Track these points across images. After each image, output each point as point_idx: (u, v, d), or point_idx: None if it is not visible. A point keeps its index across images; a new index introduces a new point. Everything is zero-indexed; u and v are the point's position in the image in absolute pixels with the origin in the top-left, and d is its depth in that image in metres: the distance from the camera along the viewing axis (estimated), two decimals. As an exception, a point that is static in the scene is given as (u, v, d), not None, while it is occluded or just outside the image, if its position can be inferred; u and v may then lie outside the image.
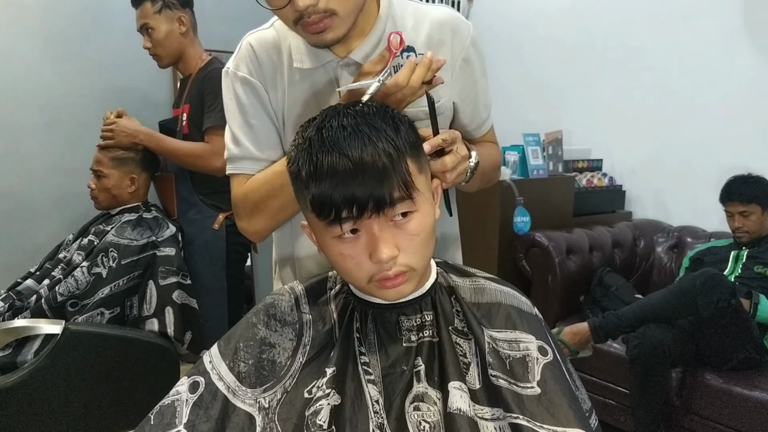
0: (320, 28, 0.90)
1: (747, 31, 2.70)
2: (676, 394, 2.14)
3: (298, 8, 0.86)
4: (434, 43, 1.03)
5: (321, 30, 0.90)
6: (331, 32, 0.91)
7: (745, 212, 2.34)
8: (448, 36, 1.04)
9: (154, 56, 2.08)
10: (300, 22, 0.90)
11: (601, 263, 2.70)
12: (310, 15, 0.88)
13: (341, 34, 0.93)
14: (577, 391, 0.85)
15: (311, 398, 0.78)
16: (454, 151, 0.89)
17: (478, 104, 1.13)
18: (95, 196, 1.99)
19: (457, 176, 0.92)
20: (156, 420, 0.79)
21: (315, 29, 0.90)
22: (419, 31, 1.03)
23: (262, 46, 1.04)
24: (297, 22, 0.90)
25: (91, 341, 1.67)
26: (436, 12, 1.05)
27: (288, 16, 0.90)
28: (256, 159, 1.06)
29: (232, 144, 1.06)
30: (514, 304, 0.87)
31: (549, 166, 2.90)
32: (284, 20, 0.92)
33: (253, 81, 1.04)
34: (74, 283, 1.80)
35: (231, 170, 1.08)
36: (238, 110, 1.05)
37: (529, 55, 3.54)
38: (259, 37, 1.05)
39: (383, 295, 0.78)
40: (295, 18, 0.89)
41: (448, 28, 1.04)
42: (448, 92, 1.07)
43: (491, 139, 1.22)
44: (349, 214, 0.71)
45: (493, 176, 1.21)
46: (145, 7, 2.00)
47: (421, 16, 1.04)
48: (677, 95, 2.94)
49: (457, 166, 0.90)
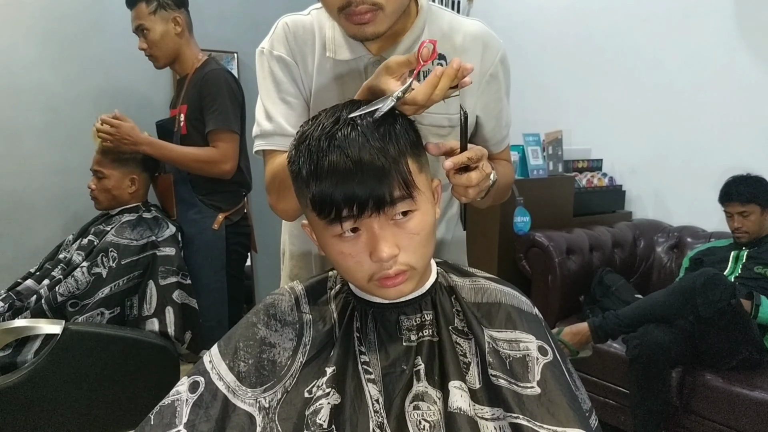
0: (364, 19, 0.90)
1: (747, 31, 2.70)
2: (676, 394, 2.14)
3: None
4: (464, 55, 1.04)
5: (364, 22, 0.91)
6: (372, 26, 0.92)
7: (744, 212, 2.34)
8: (479, 49, 1.05)
9: (150, 57, 2.08)
10: (345, 11, 0.90)
11: (601, 263, 2.70)
12: (358, 4, 0.88)
13: (382, 30, 0.93)
14: (577, 391, 0.85)
15: (311, 398, 0.78)
16: (480, 168, 0.86)
17: (501, 121, 1.14)
18: (95, 197, 1.99)
19: (478, 193, 0.89)
20: (156, 420, 0.79)
21: (359, 20, 0.90)
22: (452, 40, 1.04)
23: (297, 27, 1.05)
24: (342, 9, 0.90)
25: (91, 341, 1.67)
26: (471, 25, 1.07)
27: (334, 3, 0.90)
28: (289, 135, 1.02)
29: (265, 120, 1.06)
30: (515, 304, 0.87)
31: (549, 166, 2.90)
32: (329, 6, 0.92)
33: (288, 60, 1.04)
34: (74, 283, 1.80)
35: (262, 146, 1.06)
36: (273, 87, 1.05)
37: (529, 55, 3.54)
38: (296, 19, 1.06)
39: (383, 294, 0.78)
40: (342, 5, 0.89)
41: (480, 41, 1.06)
42: (473, 104, 1.07)
43: (506, 157, 1.23)
44: (350, 212, 0.71)
45: (505, 194, 1.22)
46: (139, 8, 1.99)
47: (456, 26, 1.06)
48: (677, 95, 2.94)
49: (481, 183, 0.88)
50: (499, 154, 1.20)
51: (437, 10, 1.06)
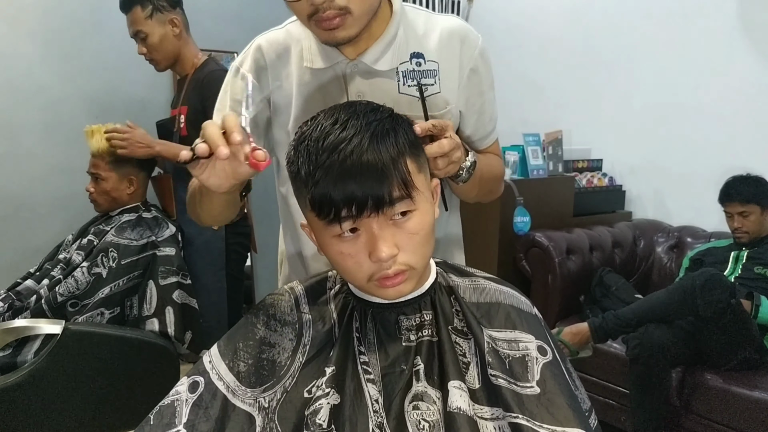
0: (333, 24, 0.91)
1: (747, 31, 2.70)
2: (676, 394, 2.14)
3: (315, 2, 0.87)
4: (442, 52, 1.04)
5: (334, 27, 0.91)
6: (343, 30, 0.92)
7: (744, 212, 2.34)
8: (457, 45, 1.05)
9: (150, 61, 2.07)
10: (314, 17, 0.90)
11: (601, 263, 2.70)
12: (325, 10, 0.89)
13: (353, 34, 0.94)
14: (577, 391, 0.85)
15: (311, 397, 0.78)
16: (450, 137, 0.89)
17: (484, 115, 1.13)
18: (94, 200, 1.98)
19: (450, 165, 0.91)
20: (156, 420, 0.79)
21: (328, 25, 0.91)
22: (429, 38, 1.05)
23: (270, 46, 1.05)
24: (311, 17, 0.91)
25: (91, 341, 1.67)
26: (447, 21, 1.07)
27: (303, 10, 0.90)
28: None
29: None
30: (514, 304, 0.87)
31: (549, 166, 2.90)
32: (298, 14, 0.93)
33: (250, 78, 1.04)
34: (74, 284, 1.80)
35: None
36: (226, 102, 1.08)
37: (529, 55, 3.54)
38: (270, 37, 1.07)
39: (383, 294, 0.78)
40: (310, 12, 0.90)
41: (457, 37, 1.06)
42: (454, 100, 1.07)
43: (495, 151, 1.23)
44: (349, 213, 0.71)
45: (494, 188, 1.20)
46: (135, 12, 1.97)
47: (432, 25, 1.06)
48: (677, 95, 2.94)
49: (452, 153, 0.89)
50: (487, 149, 1.20)
51: (411, 11, 1.06)
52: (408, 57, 1.03)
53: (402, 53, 1.03)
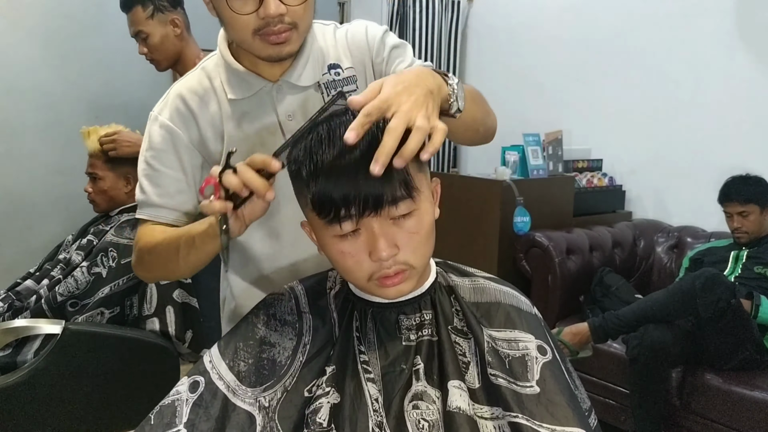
0: (281, 39, 0.91)
1: (747, 31, 2.70)
2: (676, 394, 2.14)
3: (269, 14, 0.87)
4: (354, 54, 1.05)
5: (282, 41, 0.92)
6: (288, 45, 0.93)
7: (743, 212, 2.34)
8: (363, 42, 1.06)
9: (151, 61, 2.06)
10: (261, 32, 0.90)
11: (601, 263, 2.70)
12: (275, 24, 0.89)
13: (295, 49, 0.96)
14: (576, 391, 0.85)
15: (311, 397, 0.79)
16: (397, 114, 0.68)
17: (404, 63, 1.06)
18: (93, 200, 1.98)
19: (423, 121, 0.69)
20: (156, 420, 0.79)
21: (276, 39, 0.91)
22: (337, 46, 1.06)
23: (189, 91, 1.03)
24: (257, 31, 0.90)
25: (91, 341, 1.67)
26: (349, 25, 1.09)
27: (249, 24, 0.90)
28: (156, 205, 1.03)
29: (138, 190, 1.05)
30: (514, 304, 0.87)
31: (549, 166, 2.90)
32: (242, 28, 0.91)
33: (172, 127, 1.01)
34: (74, 283, 1.80)
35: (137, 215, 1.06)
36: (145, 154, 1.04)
37: (529, 55, 3.54)
38: (186, 82, 1.04)
39: (383, 294, 0.78)
40: (258, 27, 0.90)
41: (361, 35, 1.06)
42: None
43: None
44: (350, 213, 0.71)
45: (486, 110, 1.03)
46: (136, 12, 1.96)
47: (340, 35, 1.07)
48: (677, 95, 2.94)
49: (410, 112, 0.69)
50: None
51: (319, 26, 1.07)
52: (326, 69, 1.04)
53: (320, 66, 1.03)
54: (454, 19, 3.72)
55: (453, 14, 3.71)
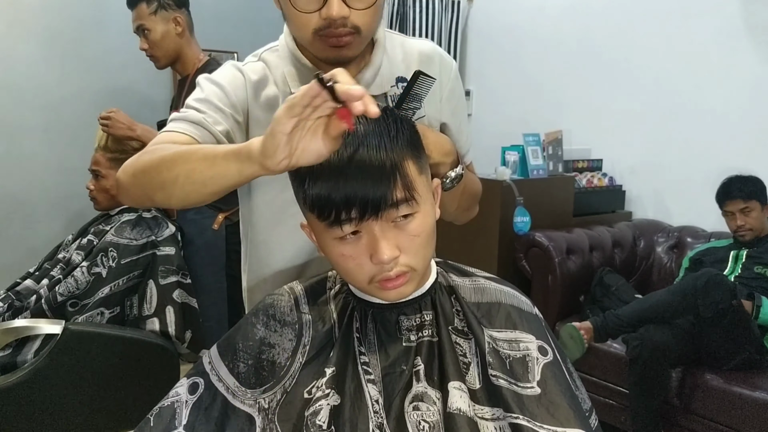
0: (343, 42, 0.89)
1: (747, 31, 2.69)
2: (676, 394, 2.14)
3: (331, 16, 0.85)
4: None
5: (343, 44, 0.90)
6: (349, 49, 0.91)
7: (746, 209, 2.34)
8: (436, 68, 1.06)
9: (151, 58, 2.09)
10: (322, 32, 0.88)
11: (601, 263, 2.70)
12: (338, 27, 0.87)
13: (357, 54, 0.94)
14: (577, 391, 0.85)
15: (311, 398, 0.78)
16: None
17: (461, 135, 1.13)
18: (94, 197, 1.98)
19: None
20: (156, 421, 0.79)
21: (337, 42, 0.89)
22: (409, 63, 1.05)
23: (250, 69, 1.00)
24: (319, 31, 0.88)
25: (91, 341, 1.67)
26: (422, 45, 1.08)
27: (310, 23, 0.88)
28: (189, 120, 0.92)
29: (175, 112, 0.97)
30: (514, 304, 0.87)
31: (549, 166, 2.90)
32: (303, 26, 0.89)
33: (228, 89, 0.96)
34: (74, 283, 1.80)
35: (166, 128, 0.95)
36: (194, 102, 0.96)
37: (529, 54, 3.54)
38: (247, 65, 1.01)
39: (384, 296, 0.78)
40: (319, 27, 0.88)
41: (436, 61, 1.07)
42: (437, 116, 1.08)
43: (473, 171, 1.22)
44: (351, 215, 0.71)
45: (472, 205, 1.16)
46: (140, 8, 2.00)
47: (409, 49, 1.06)
48: (677, 95, 2.93)
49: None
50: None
51: (389, 34, 1.06)
52: (394, 81, 1.03)
53: (389, 78, 1.03)
54: (454, 19, 3.72)
55: (453, 14, 3.71)
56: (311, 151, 0.66)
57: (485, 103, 3.79)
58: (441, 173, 0.97)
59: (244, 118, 0.99)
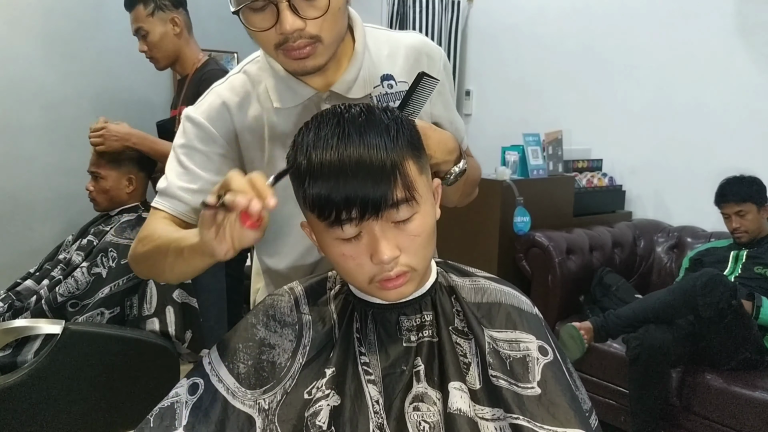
0: (304, 54, 0.88)
1: (746, 32, 2.69)
2: (676, 394, 2.14)
3: (285, 31, 0.84)
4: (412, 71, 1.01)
5: (304, 56, 0.88)
6: (313, 59, 0.89)
7: (740, 211, 2.34)
8: (424, 60, 1.04)
9: (150, 59, 2.08)
10: (282, 47, 0.87)
11: (601, 263, 2.70)
12: (295, 40, 0.86)
13: (323, 63, 0.91)
14: (578, 391, 0.85)
15: (311, 399, 0.78)
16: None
17: (454, 124, 1.12)
18: (94, 198, 1.98)
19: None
20: (155, 422, 0.78)
21: (298, 55, 0.88)
22: (395, 59, 1.03)
23: (231, 92, 0.99)
24: (279, 46, 0.88)
25: (91, 341, 1.67)
26: (408, 38, 1.06)
27: (270, 40, 0.87)
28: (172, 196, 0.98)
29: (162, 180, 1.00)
30: (515, 304, 0.87)
31: (549, 166, 2.90)
32: (264, 44, 0.90)
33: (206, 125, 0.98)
34: (74, 284, 1.80)
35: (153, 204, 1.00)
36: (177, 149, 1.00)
37: (529, 54, 3.54)
38: (229, 85, 1.01)
39: (384, 296, 0.78)
40: (278, 42, 0.87)
41: (423, 53, 1.05)
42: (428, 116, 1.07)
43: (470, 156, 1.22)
44: (351, 215, 0.71)
45: (472, 191, 1.19)
46: (137, 10, 1.99)
47: (395, 44, 1.05)
48: (677, 95, 2.93)
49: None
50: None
51: (371, 31, 1.04)
52: (379, 80, 1.01)
53: (373, 78, 1.01)
54: (454, 19, 3.72)
55: (453, 14, 3.71)
56: (247, 237, 0.71)
57: (485, 103, 3.79)
58: (445, 170, 0.97)
59: (233, 145, 1.00)
